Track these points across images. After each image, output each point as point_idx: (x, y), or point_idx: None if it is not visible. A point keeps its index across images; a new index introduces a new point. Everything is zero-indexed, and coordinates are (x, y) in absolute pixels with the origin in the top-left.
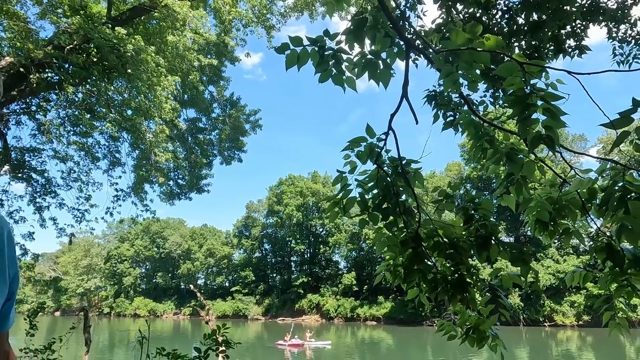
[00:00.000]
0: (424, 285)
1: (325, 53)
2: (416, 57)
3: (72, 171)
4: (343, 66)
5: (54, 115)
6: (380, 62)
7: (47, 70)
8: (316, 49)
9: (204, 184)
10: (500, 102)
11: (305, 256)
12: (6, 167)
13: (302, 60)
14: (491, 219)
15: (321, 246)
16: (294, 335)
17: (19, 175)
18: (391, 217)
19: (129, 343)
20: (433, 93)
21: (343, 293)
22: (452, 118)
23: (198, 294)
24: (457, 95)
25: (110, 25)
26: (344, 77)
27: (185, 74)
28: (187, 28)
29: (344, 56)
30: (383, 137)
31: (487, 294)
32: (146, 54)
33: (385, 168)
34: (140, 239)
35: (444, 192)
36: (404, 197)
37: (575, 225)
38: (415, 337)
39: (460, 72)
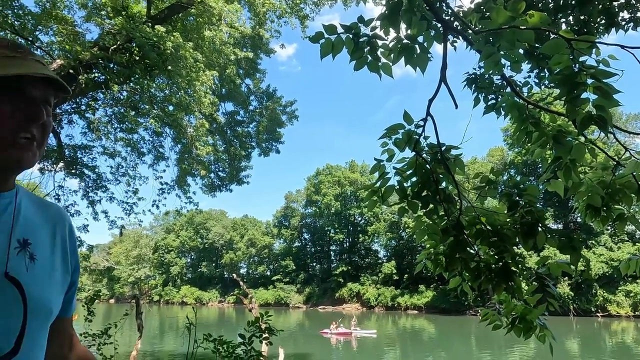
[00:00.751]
0: (467, 274)
1: (360, 40)
2: (454, 39)
3: (120, 166)
4: (379, 52)
5: (102, 113)
6: (417, 46)
7: (94, 70)
8: (351, 36)
9: (244, 175)
10: (546, 82)
11: (345, 245)
12: (61, 164)
13: (337, 48)
14: (537, 205)
15: (360, 235)
16: (340, 324)
17: (73, 171)
18: (431, 205)
19: (177, 329)
20: (473, 76)
21: (383, 282)
22: (494, 101)
23: (241, 283)
24: (498, 77)
25: (150, 24)
26: (380, 63)
27: (223, 68)
28: (223, 22)
29: (380, 42)
30: (421, 123)
31: (534, 282)
32: (185, 50)
33: (424, 155)
34: (185, 230)
35: (486, 178)
36: (444, 184)
37: (631, 210)
38: (458, 326)
39: (502, 52)
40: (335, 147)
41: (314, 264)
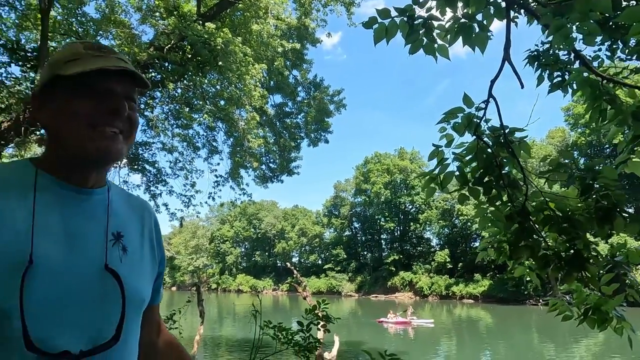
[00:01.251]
0: (533, 263)
1: (415, 22)
2: (515, 14)
3: (177, 161)
4: (434, 34)
5: (159, 111)
6: (475, 25)
7: (150, 70)
8: (405, 19)
9: (294, 166)
10: (621, 55)
11: (396, 234)
12: (125, 160)
13: (391, 32)
14: (615, 189)
15: (411, 223)
16: (397, 313)
17: (135, 167)
18: (494, 191)
19: (235, 315)
20: (535, 53)
21: (436, 270)
22: (560, 79)
23: (294, 271)
24: (565, 52)
25: (200, 22)
26: (436, 45)
27: (270, 60)
28: (270, 15)
29: (435, 23)
30: (482, 105)
31: (609, 271)
32: (234, 45)
33: (485, 139)
34: (238, 220)
35: (556, 160)
36: (507, 169)
37: None
38: (517, 316)
39: (573, 25)
40: (384, 135)
41: (365, 253)
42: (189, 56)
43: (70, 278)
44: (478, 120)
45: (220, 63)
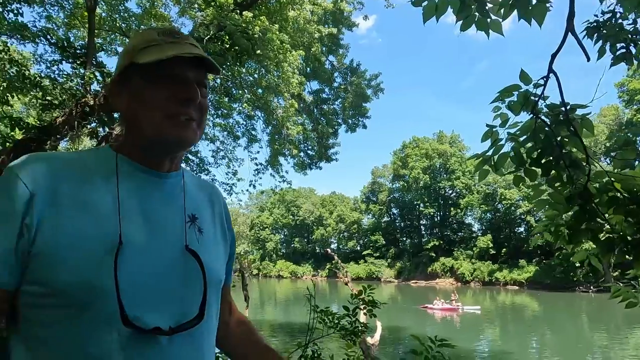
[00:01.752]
0: (594, 247)
1: None
2: None
3: (219, 150)
4: (487, 8)
5: None
6: None
7: None
8: None
9: (332, 152)
10: None
11: (435, 219)
12: None
13: (441, 9)
14: None
15: (451, 209)
16: (442, 299)
17: None
18: (553, 172)
19: (276, 300)
20: (595, 24)
21: (479, 256)
22: (623, 50)
23: (335, 257)
24: (629, 21)
25: (238, 11)
26: (489, 20)
27: (307, 47)
28: (305, 0)
29: None
30: (541, 82)
31: None
32: (271, 32)
33: (543, 117)
34: (277, 207)
35: (622, 139)
36: (567, 148)
37: None
38: (566, 304)
39: None
40: (422, 119)
41: (404, 239)
42: (227, 46)
43: (155, 258)
44: (536, 98)
45: (258, 51)
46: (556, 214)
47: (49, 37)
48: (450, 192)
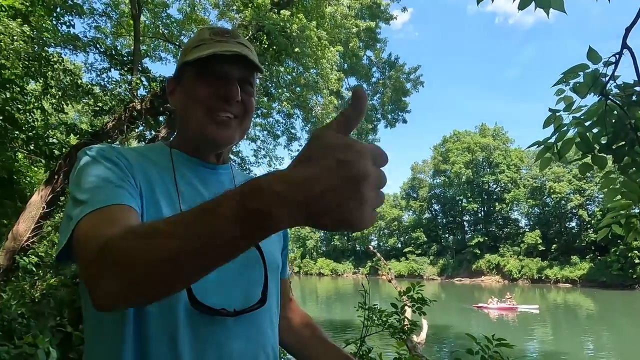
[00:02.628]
0: None
1: None
2: None
3: (260, 149)
4: None
5: None
6: None
7: None
8: None
9: None
10: None
11: (479, 215)
12: None
13: None
14: None
15: (496, 204)
16: (494, 297)
17: None
18: (626, 158)
19: (318, 297)
20: None
21: (526, 253)
22: None
23: (378, 254)
24: None
25: (275, 10)
26: None
27: (345, 42)
28: None
29: None
30: (613, 59)
31: None
32: (309, 30)
33: (613, 99)
34: None
35: None
36: None
37: None
38: (624, 303)
39: None
40: (463, 112)
41: (447, 235)
42: (266, 45)
43: None
44: (606, 79)
45: (296, 49)
46: (629, 204)
47: (98, 46)
48: (494, 186)
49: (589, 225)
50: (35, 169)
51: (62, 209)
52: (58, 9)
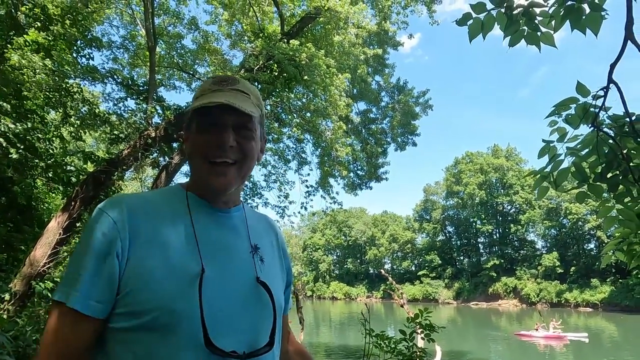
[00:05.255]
0: None
1: (514, 12)
2: None
3: (270, 174)
4: (537, 21)
5: None
6: (585, 5)
7: None
8: (503, 10)
9: (382, 172)
10: None
11: (494, 237)
12: None
13: (487, 26)
14: None
15: (511, 225)
16: (542, 324)
17: None
18: (621, 187)
19: (331, 322)
20: None
21: (544, 276)
22: None
23: (389, 278)
24: None
25: (285, 40)
26: (539, 34)
27: (353, 69)
28: (350, 25)
29: (538, 10)
30: (601, 93)
31: None
32: (318, 58)
33: (606, 129)
34: (329, 228)
35: None
36: (636, 161)
37: None
38: None
39: None
40: (475, 133)
41: (462, 258)
42: (276, 74)
43: (232, 287)
44: (596, 110)
45: (305, 77)
46: (629, 232)
47: (115, 77)
48: (509, 207)
49: None
50: (53, 195)
51: (78, 235)
52: (79, 43)
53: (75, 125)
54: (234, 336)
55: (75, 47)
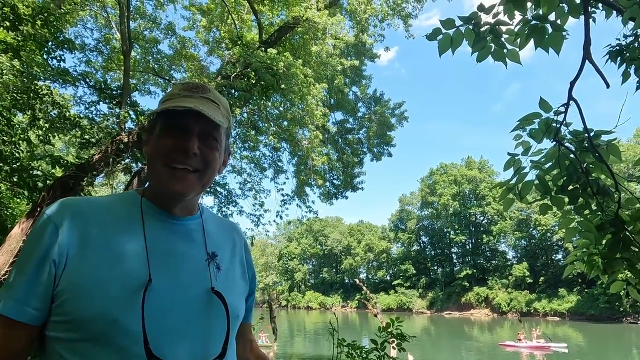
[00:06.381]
0: (632, 277)
1: (482, 29)
2: (592, 9)
3: (246, 182)
4: (503, 39)
5: None
6: (548, 25)
7: None
8: (471, 27)
9: (358, 182)
10: None
11: (467, 247)
12: None
13: (456, 42)
14: None
15: (484, 236)
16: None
17: (208, 189)
18: (581, 200)
19: (306, 332)
20: (617, 48)
21: (515, 285)
22: None
23: (364, 288)
24: None
25: (263, 49)
26: (505, 51)
27: (330, 79)
28: (327, 35)
29: (504, 28)
30: (562, 109)
31: None
32: (295, 67)
33: (567, 144)
34: (304, 237)
35: None
36: (594, 175)
37: None
38: (613, 336)
39: None
40: (449, 145)
41: (435, 268)
42: (253, 82)
43: (181, 298)
44: (558, 125)
45: (282, 86)
46: (588, 243)
47: (88, 80)
48: (481, 218)
49: None
50: (18, 200)
51: None
52: (50, 44)
53: (44, 129)
54: (181, 347)
55: (46, 49)
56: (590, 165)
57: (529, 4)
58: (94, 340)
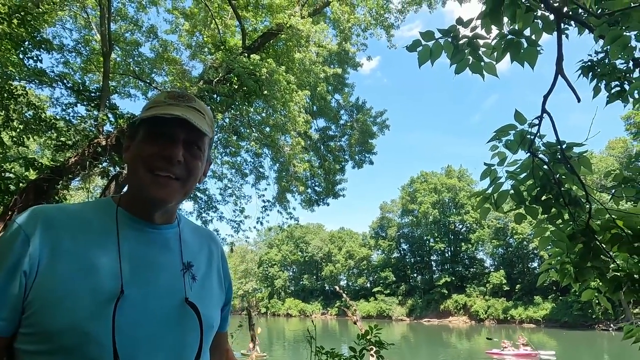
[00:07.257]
0: (602, 285)
1: (460, 42)
2: (565, 26)
3: (227, 187)
4: (480, 52)
5: None
6: (523, 40)
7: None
8: (449, 39)
9: (339, 189)
10: None
11: (446, 255)
12: None
13: (436, 54)
14: None
15: (462, 244)
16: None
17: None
18: (553, 210)
19: (285, 340)
20: (589, 63)
21: (492, 293)
22: (618, 88)
23: (344, 295)
24: (623, 61)
25: (246, 54)
26: (482, 64)
27: (313, 87)
28: (311, 43)
29: (481, 42)
30: (536, 122)
31: None
32: (278, 74)
33: (541, 155)
34: (285, 244)
35: (621, 175)
36: (566, 186)
37: None
38: (586, 343)
39: (631, 34)
40: (430, 154)
41: (415, 275)
42: (236, 87)
43: (154, 308)
44: (532, 137)
45: (265, 92)
46: (561, 252)
47: (65, 81)
48: (460, 226)
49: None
50: None
51: None
52: (26, 43)
53: (18, 130)
54: (153, 359)
55: (22, 48)
56: (563, 177)
57: (505, 19)
58: (64, 353)
